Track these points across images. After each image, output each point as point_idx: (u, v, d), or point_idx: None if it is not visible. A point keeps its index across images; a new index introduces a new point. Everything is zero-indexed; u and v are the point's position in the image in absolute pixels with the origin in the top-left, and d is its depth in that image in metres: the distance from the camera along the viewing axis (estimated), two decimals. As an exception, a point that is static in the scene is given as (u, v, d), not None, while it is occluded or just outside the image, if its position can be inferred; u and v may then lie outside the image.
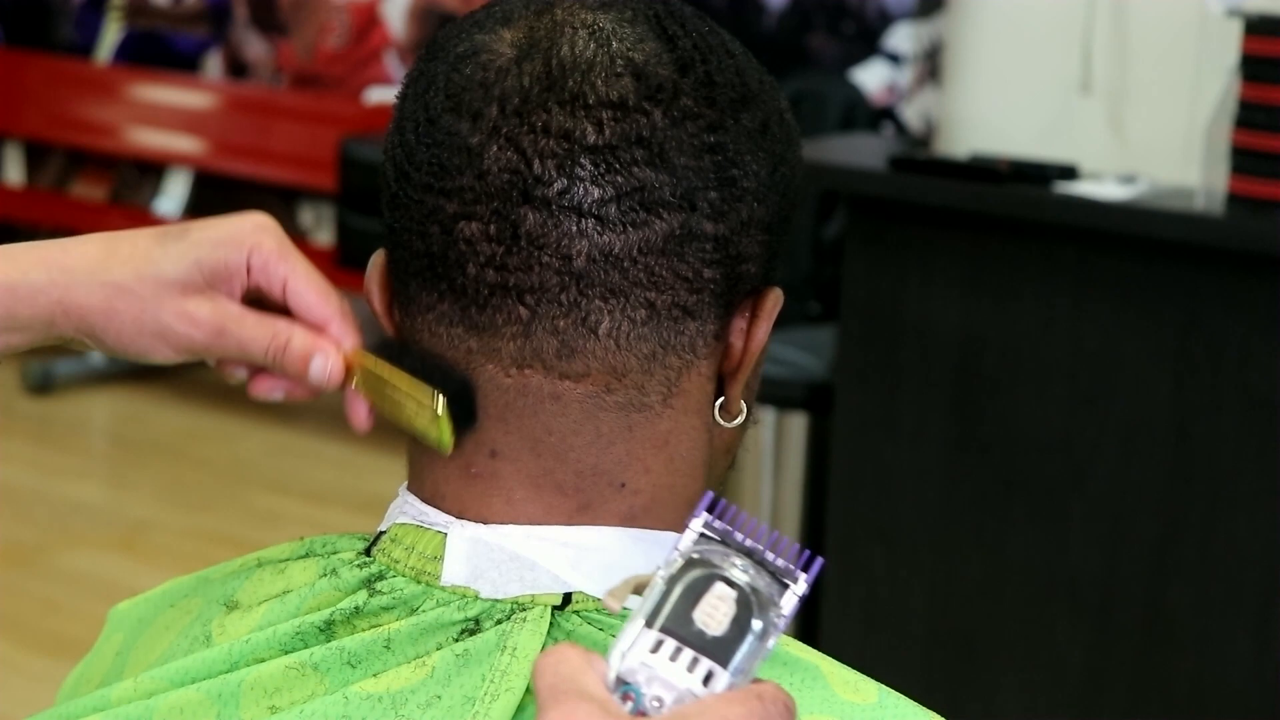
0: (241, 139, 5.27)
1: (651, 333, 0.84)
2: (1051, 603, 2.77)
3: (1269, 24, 2.61)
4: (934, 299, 2.83)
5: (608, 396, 0.84)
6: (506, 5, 0.87)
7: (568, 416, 0.84)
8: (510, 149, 0.82)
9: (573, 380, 0.84)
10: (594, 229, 0.82)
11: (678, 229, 0.83)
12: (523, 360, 0.84)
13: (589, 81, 0.82)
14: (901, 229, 2.87)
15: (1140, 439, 2.68)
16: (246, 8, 5.26)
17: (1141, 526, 2.69)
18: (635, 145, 0.82)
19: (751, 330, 0.88)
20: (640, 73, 0.83)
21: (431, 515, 0.87)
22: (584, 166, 0.82)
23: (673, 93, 0.83)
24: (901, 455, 2.89)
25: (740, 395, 0.89)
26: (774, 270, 0.89)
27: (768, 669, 0.84)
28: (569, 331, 0.83)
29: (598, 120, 0.82)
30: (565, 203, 0.82)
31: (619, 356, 0.84)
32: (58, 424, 4.90)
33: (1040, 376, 2.75)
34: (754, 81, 0.87)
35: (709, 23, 0.88)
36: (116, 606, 1.01)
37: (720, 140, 0.84)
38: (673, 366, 0.85)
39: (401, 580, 0.86)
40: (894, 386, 2.89)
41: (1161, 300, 2.65)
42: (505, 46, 0.84)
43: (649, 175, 0.82)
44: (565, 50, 0.83)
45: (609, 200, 0.82)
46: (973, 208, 2.79)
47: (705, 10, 0.92)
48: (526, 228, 0.82)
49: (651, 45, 0.84)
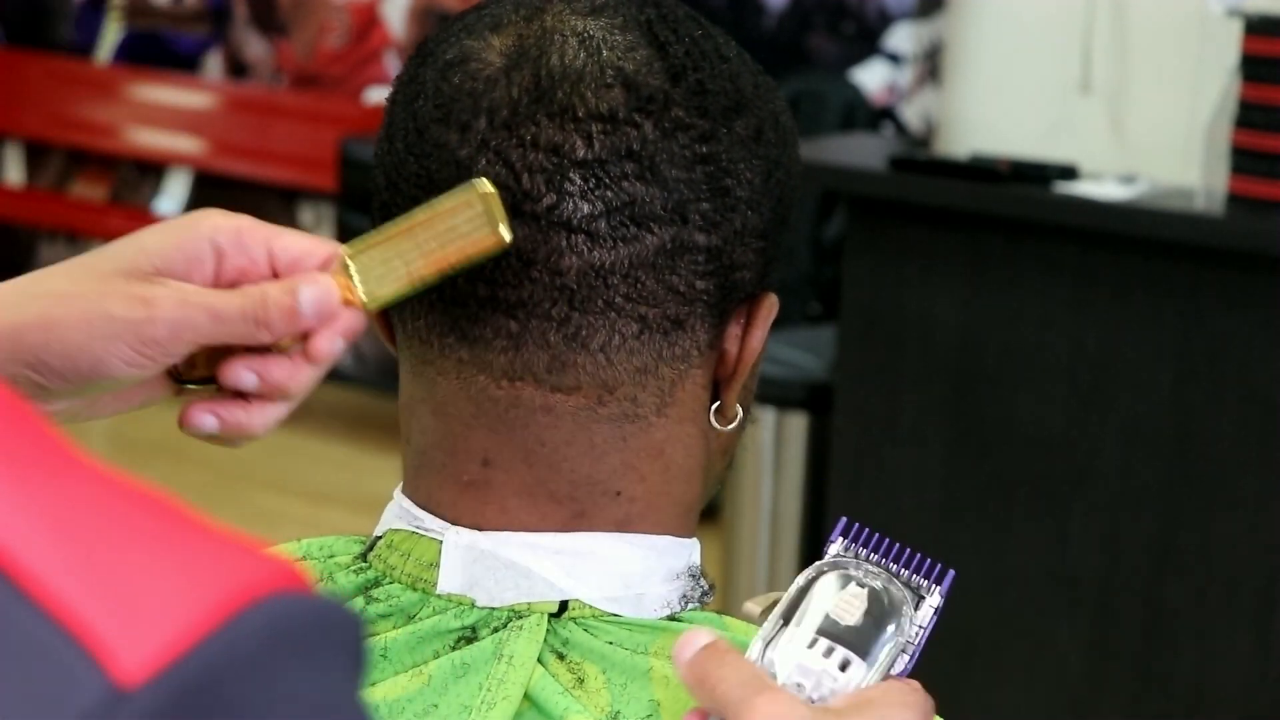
0: (241, 139, 5.27)
1: (643, 346, 0.83)
2: (1051, 603, 2.77)
3: (1269, 24, 2.61)
4: (934, 299, 2.83)
5: (600, 409, 0.83)
6: (496, 10, 0.86)
7: (561, 428, 0.83)
8: (499, 163, 0.81)
9: (564, 393, 0.83)
10: (584, 244, 0.81)
11: (669, 243, 0.82)
12: (514, 373, 0.83)
13: (578, 93, 0.81)
14: (901, 229, 2.87)
15: (1140, 439, 2.68)
16: (246, 8, 5.26)
17: (1141, 526, 2.69)
18: (625, 159, 0.81)
19: (746, 338, 0.87)
20: (631, 83, 0.82)
21: (427, 521, 0.86)
22: (573, 181, 0.81)
23: (664, 103, 0.82)
24: (901, 455, 2.89)
25: (736, 400, 0.88)
26: (770, 275, 0.88)
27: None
28: (559, 346, 0.82)
29: (587, 134, 0.81)
30: (555, 218, 0.81)
31: (610, 371, 0.83)
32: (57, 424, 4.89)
33: (1040, 376, 2.75)
34: (748, 87, 0.86)
35: (703, 25, 0.87)
36: None
37: (713, 150, 0.83)
38: (666, 378, 0.84)
39: (398, 587, 0.85)
40: (894, 386, 2.89)
41: (1162, 300, 2.64)
42: (494, 55, 0.83)
43: (639, 189, 0.81)
44: (555, 60, 0.82)
45: (599, 215, 0.81)
46: (973, 208, 2.79)
47: (704, 10, 0.91)
48: (516, 243, 0.80)
49: (642, 53, 0.83)
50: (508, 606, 0.84)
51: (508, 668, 0.82)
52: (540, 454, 0.84)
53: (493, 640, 0.83)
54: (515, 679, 0.81)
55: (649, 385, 0.84)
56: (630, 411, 0.84)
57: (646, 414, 0.84)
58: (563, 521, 0.84)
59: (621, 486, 0.85)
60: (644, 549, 0.85)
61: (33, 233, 5.80)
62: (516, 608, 0.84)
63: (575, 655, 0.83)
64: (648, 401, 0.84)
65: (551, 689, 0.81)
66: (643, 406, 0.84)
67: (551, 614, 0.84)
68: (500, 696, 0.81)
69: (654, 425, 0.85)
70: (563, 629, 0.84)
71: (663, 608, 0.85)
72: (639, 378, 0.83)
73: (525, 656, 0.82)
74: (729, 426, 0.88)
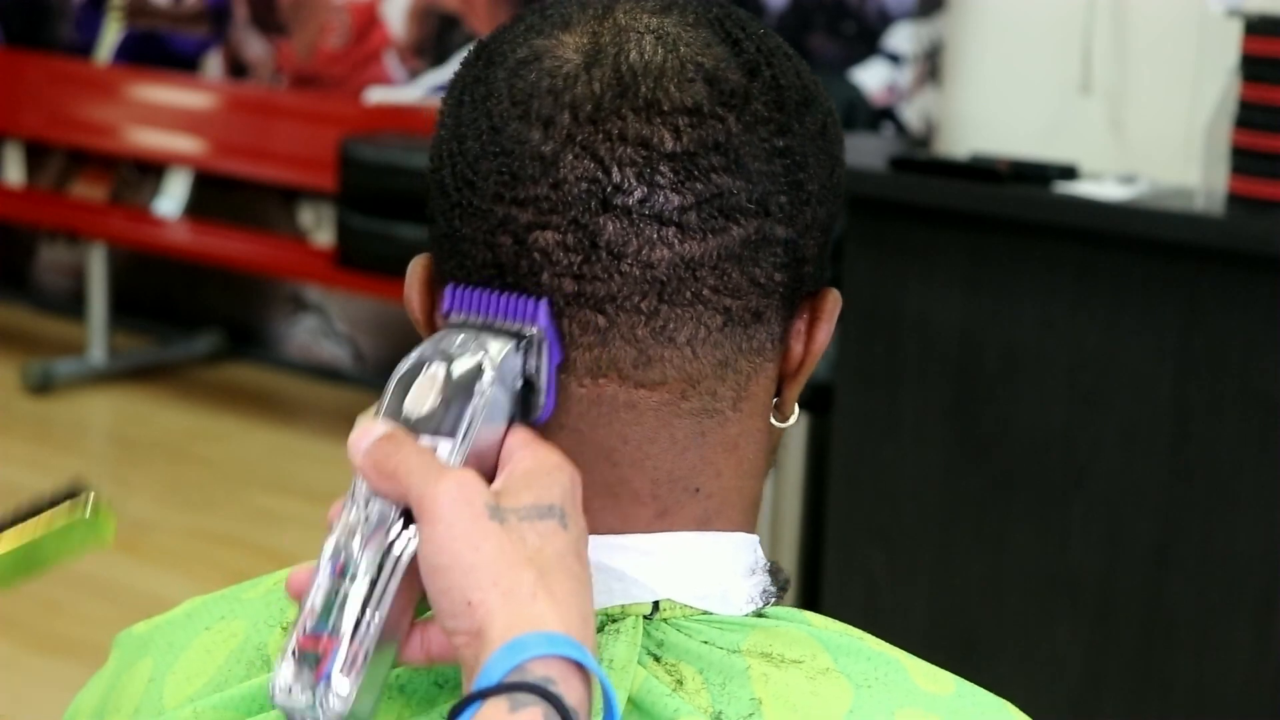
0: (241, 139, 5.27)
1: (725, 339, 0.83)
2: (1051, 603, 2.77)
3: (1269, 24, 2.61)
4: (934, 299, 2.83)
5: (682, 404, 0.83)
6: (562, 9, 0.86)
7: (643, 425, 0.83)
8: (587, 157, 0.80)
9: (648, 389, 0.83)
10: (675, 236, 0.81)
11: (753, 235, 0.82)
12: (598, 370, 0.82)
13: (662, 87, 0.81)
14: (901, 229, 2.87)
15: (1140, 439, 2.68)
16: (246, 8, 5.26)
17: (1141, 526, 2.69)
18: (713, 151, 0.81)
19: (813, 332, 0.87)
20: (711, 78, 0.82)
21: None
22: (664, 174, 0.80)
23: (744, 98, 0.82)
24: (901, 455, 2.89)
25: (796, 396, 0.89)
26: (826, 270, 0.88)
27: (853, 663, 0.84)
28: (647, 340, 0.82)
29: (674, 127, 0.81)
30: (646, 211, 0.80)
31: (695, 364, 0.83)
32: (58, 424, 4.90)
33: (1040, 376, 2.75)
34: (811, 83, 0.87)
35: (763, 24, 0.88)
36: (129, 631, 0.97)
37: (789, 144, 0.83)
38: (743, 371, 0.84)
39: None
40: (894, 386, 2.89)
41: (1162, 300, 2.64)
42: (569, 52, 0.83)
43: (727, 181, 0.81)
44: (634, 55, 0.82)
45: (689, 207, 0.81)
46: (973, 208, 2.79)
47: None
48: (606, 237, 0.80)
49: (718, 50, 0.83)
50: (602, 610, 0.83)
51: (609, 672, 0.81)
52: (623, 451, 0.83)
53: None
54: (618, 683, 0.81)
55: (728, 379, 0.84)
56: (710, 406, 0.84)
57: (724, 409, 0.84)
58: (647, 522, 0.84)
59: (700, 483, 0.85)
60: (724, 545, 0.85)
61: (33, 233, 5.80)
62: (610, 611, 0.83)
63: (671, 656, 0.83)
64: (726, 395, 0.84)
65: (658, 691, 0.81)
66: (721, 401, 0.84)
67: (644, 616, 0.84)
68: None
69: (729, 420, 0.85)
70: (656, 630, 0.83)
71: (747, 604, 0.85)
72: (720, 371, 0.83)
73: (626, 660, 0.82)
74: (786, 423, 0.89)
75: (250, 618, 0.92)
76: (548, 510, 0.76)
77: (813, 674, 0.83)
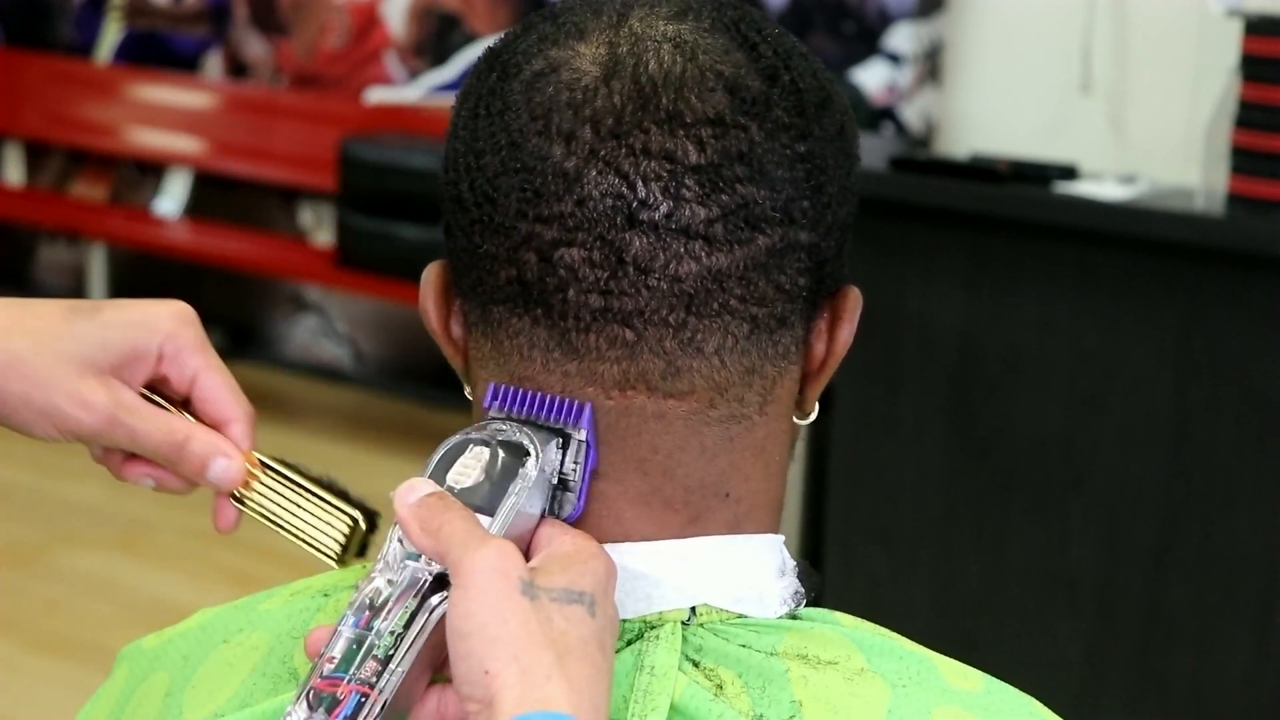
0: (241, 139, 5.27)
1: (752, 346, 0.83)
2: (1051, 602, 2.77)
3: (1269, 24, 2.61)
4: (934, 299, 2.83)
5: (711, 411, 0.83)
6: (574, 17, 0.84)
7: (672, 434, 0.83)
8: (611, 172, 0.80)
9: (677, 399, 0.82)
10: (702, 250, 0.80)
11: (778, 242, 0.82)
12: (626, 382, 0.82)
13: (683, 98, 0.80)
14: (901, 229, 2.87)
15: (1140, 439, 2.68)
16: (246, 8, 5.26)
17: (1141, 526, 2.69)
18: (737, 162, 0.80)
19: (835, 331, 0.88)
20: (732, 86, 0.81)
21: None
22: (689, 187, 0.80)
23: (765, 105, 0.82)
24: (901, 455, 2.89)
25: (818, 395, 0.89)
26: (844, 269, 0.88)
27: (886, 663, 0.84)
28: (675, 352, 0.81)
29: (698, 138, 0.80)
30: (673, 225, 0.80)
31: (723, 373, 0.82)
32: None
33: (1040, 376, 2.76)
34: (827, 82, 0.86)
35: (777, 24, 0.87)
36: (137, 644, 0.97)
37: (809, 149, 0.83)
38: (769, 376, 0.84)
39: None
40: (894, 386, 2.89)
41: (1161, 300, 2.65)
42: (587, 63, 0.82)
43: (751, 191, 0.81)
44: (653, 66, 0.81)
45: (715, 220, 0.80)
46: (973, 208, 2.79)
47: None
48: (633, 252, 0.80)
49: (737, 56, 0.82)
50: (639, 617, 0.83)
51: (650, 679, 0.81)
52: (654, 461, 0.83)
53: (631, 652, 0.82)
54: (661, 689, 0.81)
55: (754, 385, 0.84)
56: (738, 412, 0.84)
57: (751, 414, 0.84)
58: (679, 528, 0.84)
59: (730, 488, 0.85)
60: (755, 548, 0.86)
61: (33, 233, 5.80)
62: (648, 618, 0.83)
63: (709, 661, 0.83)
64: (752, 401, 0.84)
65: (701, 697, 0.81)
66: (748, 406, 0.84)
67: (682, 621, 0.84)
68: (649, 709, 0.80)
69: (756, 424, 0.85)
70: (694, 636, 0.83)
71: (780, 606, 0.86)
72: (747, 378, 0.83)
73: (667, 666, 0.82)
74: (806, 421, 0.89)
75: (271, 630, 0.92)
76: (579, 596, 0.76)
77: (849, 675, 0.83)
